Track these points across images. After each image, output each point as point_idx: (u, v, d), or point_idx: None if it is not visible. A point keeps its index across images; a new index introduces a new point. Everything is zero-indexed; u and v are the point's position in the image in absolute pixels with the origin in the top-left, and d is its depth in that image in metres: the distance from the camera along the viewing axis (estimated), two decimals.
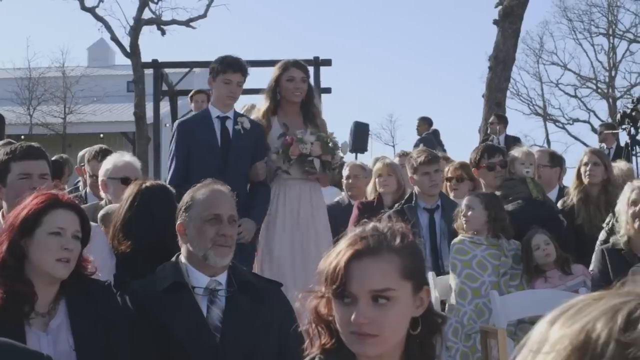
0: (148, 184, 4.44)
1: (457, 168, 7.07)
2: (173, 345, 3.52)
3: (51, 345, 3.28)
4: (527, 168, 6.45)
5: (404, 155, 8.44)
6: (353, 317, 2.17)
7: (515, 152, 6.65)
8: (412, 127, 16.51)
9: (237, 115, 6.06)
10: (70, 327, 3.35)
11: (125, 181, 5.00)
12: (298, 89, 6.16)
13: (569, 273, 5.54)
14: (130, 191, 4.41)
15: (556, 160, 7.36)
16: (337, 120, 68.25)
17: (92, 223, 4.35)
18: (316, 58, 15.48)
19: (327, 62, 15.36)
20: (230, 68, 5.85)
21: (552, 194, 7.12)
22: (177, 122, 6.31)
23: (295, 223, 6.10)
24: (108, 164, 5.21)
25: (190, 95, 11.46)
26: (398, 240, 2.26)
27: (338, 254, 2.23)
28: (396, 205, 6.31)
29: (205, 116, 6.10)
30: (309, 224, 6.12)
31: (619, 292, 1.15)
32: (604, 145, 12.45)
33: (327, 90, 15.58)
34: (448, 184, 7.01)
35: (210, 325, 3.58)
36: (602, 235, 5.72)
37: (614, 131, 12.40)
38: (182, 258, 3.73)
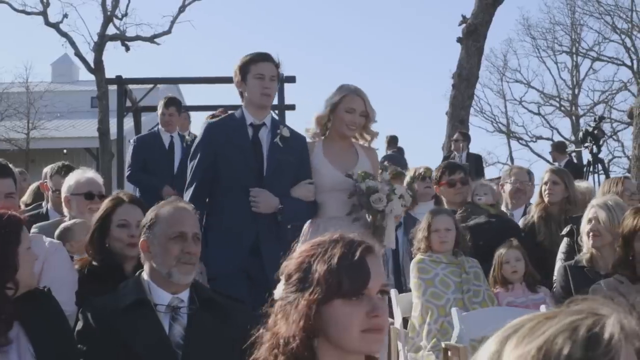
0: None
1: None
2: None
3: (15, 354, 3.26)
4: (479, 196, 6.60)
5: None
6: (370, 312, 2.15)
7: (472, 184, 6.88)
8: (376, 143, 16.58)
9: None
10: (27, 336, 3.33)
11: (89, 196, 4.97)
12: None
13: (534, 291, 5.61)
14: (101, 206, 4.39)
15: (532, 177, 7.56)
16: None
17: (53, 240, 4.32)
18: (280, 75, 15.43)
19: (291, 79, 15.32)
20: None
21: (519, 211, 7.20)
22: None
23: None
24: (71, 180, 5.14)
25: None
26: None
27: (343, 251, 2.18)
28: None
29: None
30: None
31: (571, 309, 1.15)
32: (556, 163, 12.70)
33: (292, 107, 15.57)
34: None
35: (172, 343, 3.54)
36: (562, 246, 5.77)
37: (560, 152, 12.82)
38: (145, 275, 3.70)
